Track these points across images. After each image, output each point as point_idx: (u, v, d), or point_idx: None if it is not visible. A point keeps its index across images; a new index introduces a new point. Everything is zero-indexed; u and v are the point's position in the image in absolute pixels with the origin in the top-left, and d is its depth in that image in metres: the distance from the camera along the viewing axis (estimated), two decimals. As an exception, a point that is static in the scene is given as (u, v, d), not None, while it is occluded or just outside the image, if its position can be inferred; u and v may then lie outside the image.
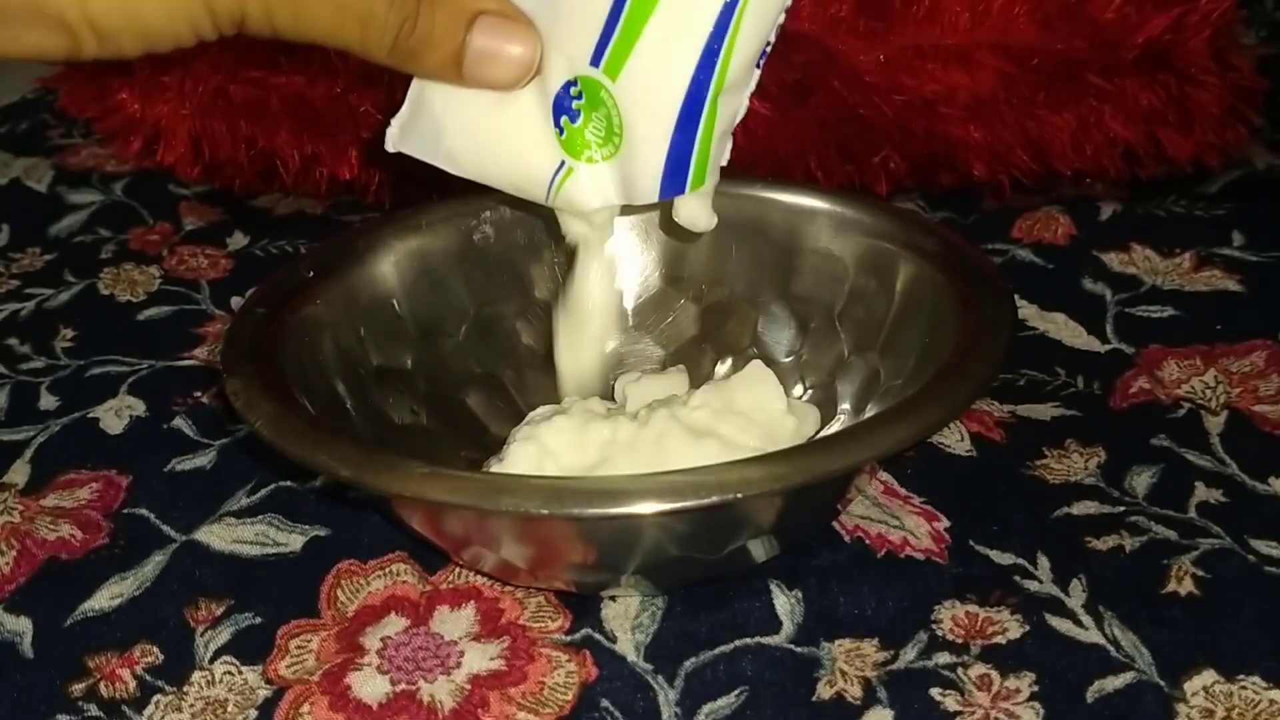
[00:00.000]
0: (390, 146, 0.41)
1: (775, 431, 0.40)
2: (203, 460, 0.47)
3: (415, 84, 0.41)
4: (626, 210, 0.42)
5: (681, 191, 0.39)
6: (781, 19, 0.39)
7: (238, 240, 0.62)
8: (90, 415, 0.50)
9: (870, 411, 0.43)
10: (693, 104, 0.38)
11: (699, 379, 0.46)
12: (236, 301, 0.57)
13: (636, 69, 0.38)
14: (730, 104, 0.39)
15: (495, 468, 0.39)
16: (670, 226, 0.44)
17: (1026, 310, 0.53)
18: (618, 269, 0.46)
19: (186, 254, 0.61)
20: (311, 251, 0.46)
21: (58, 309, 0.58)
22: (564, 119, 0.39)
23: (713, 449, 0.39)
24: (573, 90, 0.39)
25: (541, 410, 0.42)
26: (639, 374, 0.45)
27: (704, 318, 0.48)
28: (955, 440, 0.46)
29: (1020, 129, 0.57)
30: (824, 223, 0.46)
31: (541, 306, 0.48)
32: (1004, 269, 0.56)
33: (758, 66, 0.39)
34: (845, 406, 0.45)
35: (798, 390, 0.46)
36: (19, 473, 0.47)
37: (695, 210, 0.41)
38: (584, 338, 0.43)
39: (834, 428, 0.44)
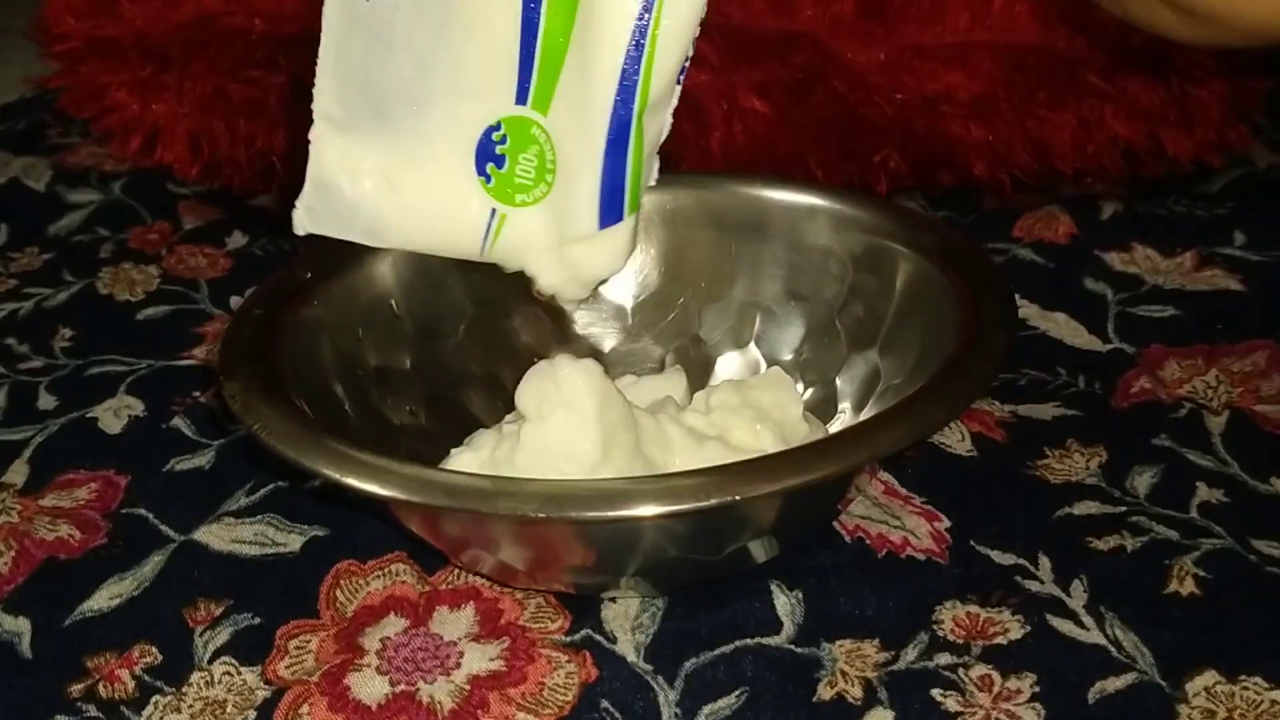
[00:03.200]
0: (299, 229, 0.40)
1: (789, 433, 0.40)
2: (201, 460, 0.47)
3: (314, 163, 0.39)
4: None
5: (620, 218, 0.39)
6: (696, 33, 0.38)
7: (236, 240, 0.62)
8: (89, 415, 0.50)
9: (870, 410, 0.43)
10: (619, 127, 0.38)
11: (699, 379, 0.46)
12: (235, 301, 0.57)
13: (564, 99, 0.38)
14: (654, 123, 0.38)
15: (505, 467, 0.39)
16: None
17: (1027, 309, 0.53)
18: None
19: (185, 253, 0.61)
20: (310, 252, 0.46)
21: (56, 308, 0.57)
22: (489, 166, 0.39)
23: (714, 451, 0.39)
24: (495, 135, 0.39)
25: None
26: (635, 377, 0.45)
27: (704, 316, 0.47)
28: (956, 440, 0.46)
29: (1021, 128, 0.57)
30: (824, 220, 0.46)
31: (541, 306, 0.48)
32: (1005, 268, 0.55)
33: (678, 83, 0.38)
34: (845, 405, 0.44)
35: (798, 388, 0.45)
36: (18, 472, 0.47)
37: (615, 246, 0.39)
38: None
39: (834, 427, 0.44)
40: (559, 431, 0.38)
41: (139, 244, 0.62)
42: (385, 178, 0.39)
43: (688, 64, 0.38)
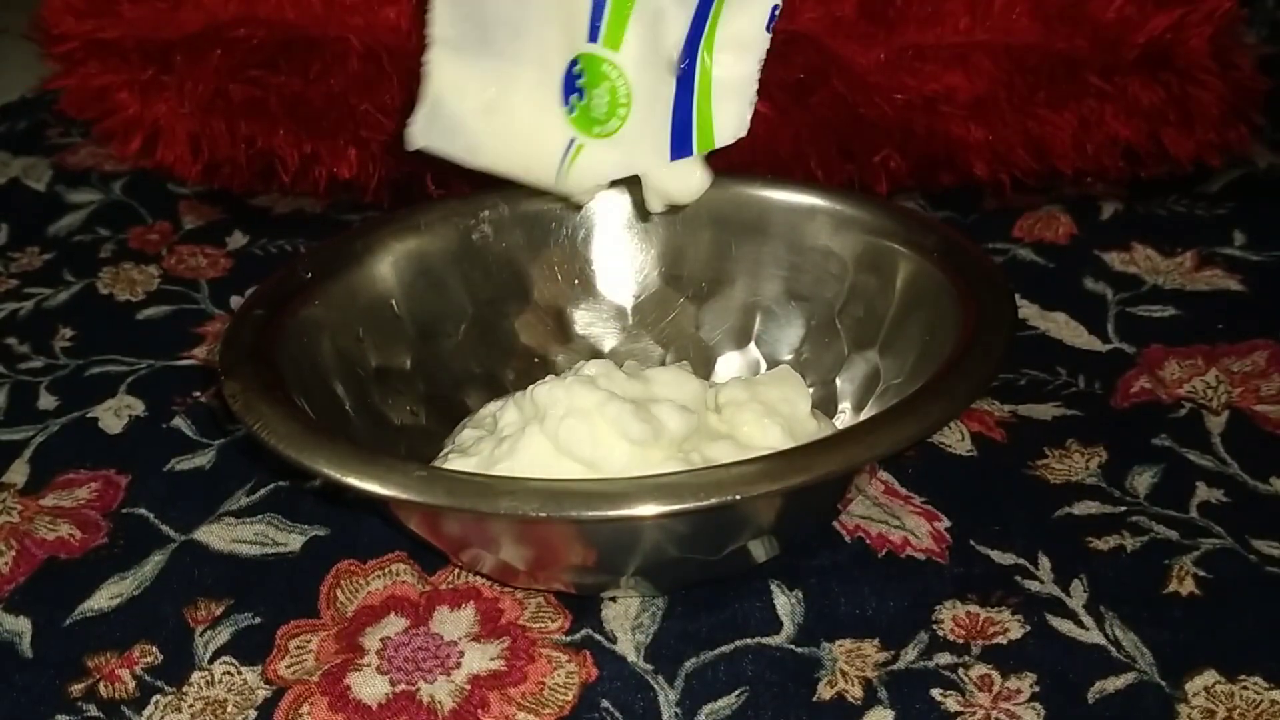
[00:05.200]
0: (412, 144, 0.42)
1: (796, 429, 0.40)
2: (202, 460, 0.47)
3: (431, 81, 0.41)
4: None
5: (690, 153, 0.40)
6: None
7: (237, 239, 0.62)
8: (89, 415, 0.50)
9: (870, 410, 0.43)
10: (688, 60, 0.39)
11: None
12: (236, 301, 0.57)
13: (638, 35, 0.39)
14: (733, 64, 0.39)
15: (503, 464, 0.39)
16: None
17: (1027, 309, 0.53)
18: None
19: (186, 253, 0.61)
20: (310, 253, 0.46)
21: (57, 308, 0.57)
22: (573, 97, 0.40)
23: (723, 449, 0.39)
24: (575, 69, 0.40)
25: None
26: (638, 364, 0.45)
27: (704, 316, 0.48)
28: (956, 440, 0.46)
29: (1021, 128, 0.57)
30: (824, 220, 0.46)
31: (541, 306, 0.48)
32: (1005, 268, 0.56)
33: (768, 30, 0.39)
34: (845, 405, 0.45)
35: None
36: (18, 472, 0.47)
37: (683, 179, 0.41)
38: None
39: (834, 427, 0.44)
40: (565, 432, 0.38)
41: (139, 244, 0.62)
42: (485, 99, 0.41)
43: (778, 11, 0.39)
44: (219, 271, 0.60)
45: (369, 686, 0.37)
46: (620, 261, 0.47)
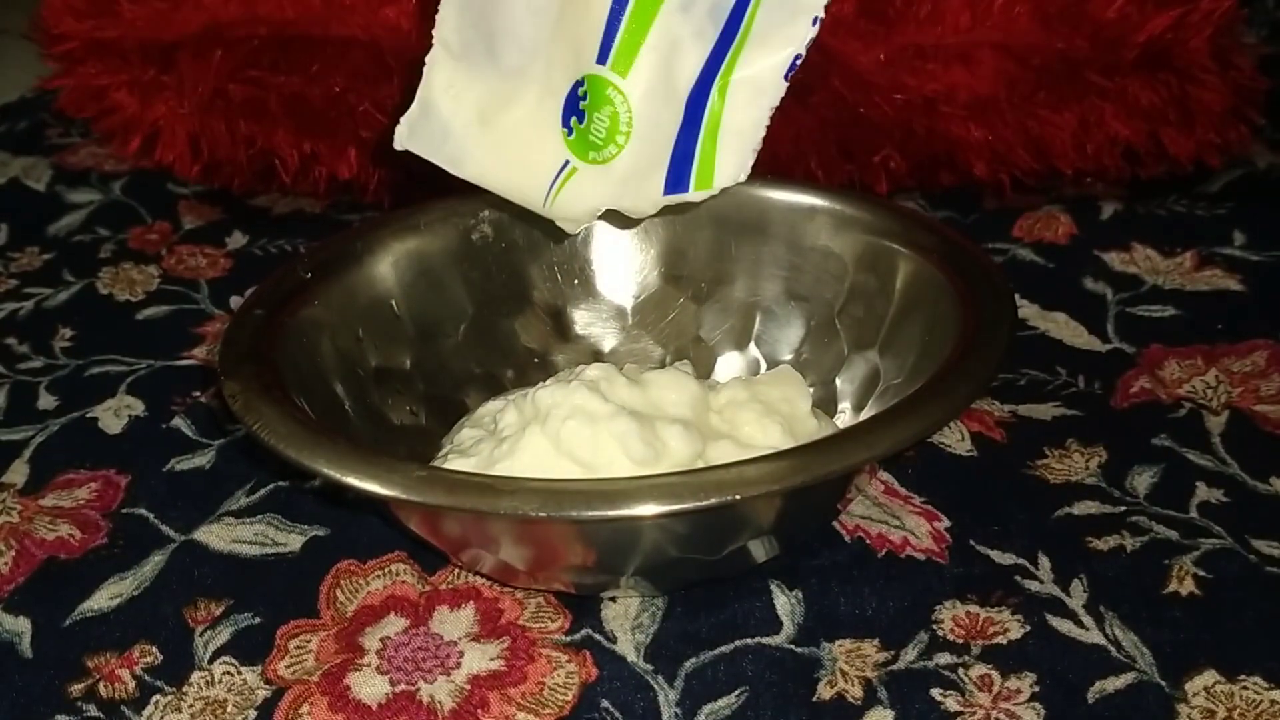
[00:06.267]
0: (398, 144, 0.42)
1: (797, 428, 0.40)
2: (202, 460, 0.47)
3: (425, 84, 0.41)
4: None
5: (685, 190, 0.39)
6: (813, 33, 0.38)
7: (236, 240, 0.62)
8: (89, 415, 0.50)
9: (870, 410, 0.43)
10: (698, 97, 0.38)
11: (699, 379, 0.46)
12: (235, 301, 0.57)
13: (647, 64, 0.38)
14: (745, 107, 0.39)
15: (502, 465, 0.39)
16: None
17: (1027, 309, 0.53)
18: None
19: (185, 253, 0.61)
20: (309, 252, 0.46)
21: (56, 308, 0.57)
22: (573, 119, 0.40)
23: (724, 449, 0.39)
24: (580, 90, 0.39)
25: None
26: (636, 366, 0.45)
27: (704, 316, 0.48)
28: (956, 440, 0.46)
29: (1021, 128, 0.57)
30: (824, 220, 0.46)
31: (541, 306, 0.48)
32: (1005, 268, 0.55)
33: (785, 79, 0.39)
34: (845, 405, 0.45)
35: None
36: (18, 472, 0.47)
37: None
38: None
39: (834, 427, 0.44)
40: (567, 434, 0.38)
41: (139, 244, 0.62)
42: (481, 111, 0.41)
43: (799, 60, 0.39)
44: (219, 271, 0.60)
45: (369, 686, 0.37)
46: (620, 261, 0.47)
